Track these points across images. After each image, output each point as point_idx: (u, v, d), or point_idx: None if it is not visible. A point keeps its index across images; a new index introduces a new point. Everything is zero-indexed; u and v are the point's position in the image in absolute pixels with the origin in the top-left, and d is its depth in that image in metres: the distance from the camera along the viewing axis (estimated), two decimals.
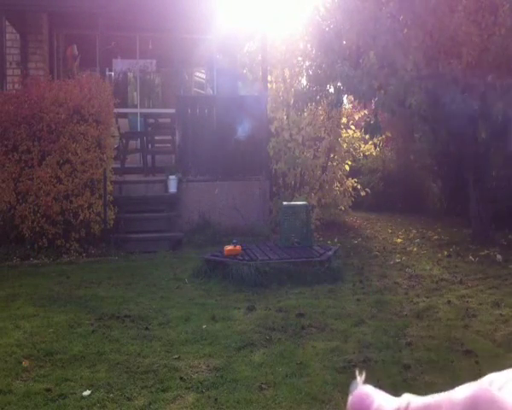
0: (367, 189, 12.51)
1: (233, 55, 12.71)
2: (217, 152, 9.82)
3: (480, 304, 5.62)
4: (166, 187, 9.53)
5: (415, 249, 8.62)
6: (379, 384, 0.31)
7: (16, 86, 8.83)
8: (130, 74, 13.62)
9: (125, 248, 8.29)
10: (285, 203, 7.90)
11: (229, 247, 6.89)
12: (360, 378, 0.34)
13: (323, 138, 11.00)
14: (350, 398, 0.32)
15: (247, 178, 9.96)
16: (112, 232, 8.35)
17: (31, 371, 3.95)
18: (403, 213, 12.75)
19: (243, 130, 9.64)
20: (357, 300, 5.78)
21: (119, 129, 10.67)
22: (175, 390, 3.64)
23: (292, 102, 10.62)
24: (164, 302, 5.70)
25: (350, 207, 11.75)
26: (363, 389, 0.32)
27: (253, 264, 6.43)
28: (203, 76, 14.53)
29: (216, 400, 3.50)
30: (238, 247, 6.90)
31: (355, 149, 12.14)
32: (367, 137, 10.14)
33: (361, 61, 8.26)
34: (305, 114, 10.70)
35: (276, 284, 6.31)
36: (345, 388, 3.52)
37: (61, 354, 4.27)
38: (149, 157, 10.55)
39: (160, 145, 10.90)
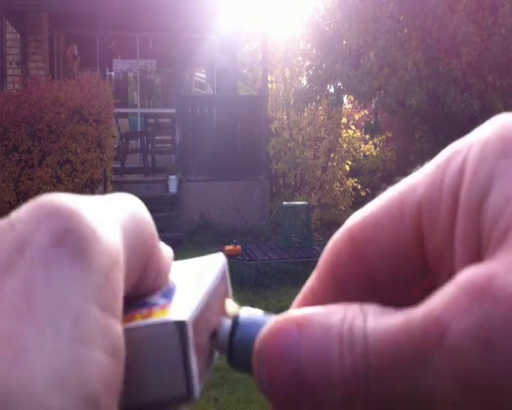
0: (367, 189, 12.51)
1: (233, 54, 12.71)
2: (217, 152, 9.82)
3: None
4: (167, 187, 9.53)
5: None
6: None
7: (16, 86, 8.83)
8: (130, 74, 13.62)
9: None
10: (285, 203, 7.90)
11: (229, 247, 6.89)
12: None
13: (323, 138, 10.99)
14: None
15: (247, 178, 9.96)
16: None
17: None
18: None
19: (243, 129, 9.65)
20: None
21: (119, 129, 10.68)
22: None
23: (292, 101, 10.63)
24: None
25: (350, 207, 11.75)
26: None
27: (253, 264, 6.43)
28: (203, 76, 14.53)
29: (216, 400, 3.50)
30: (238, 247, 6.91)
31: (355, 149, 12.13)
32: (367, 137, 10.14)
33: (361, 61, 8.26)
34: (306, 113, 10.71)
35: (276, 284, 6.31)
36: None
37: None
38: (149, 157, 10.55)
39: (160, 145, 10.90)
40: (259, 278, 6.31)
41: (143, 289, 0.23)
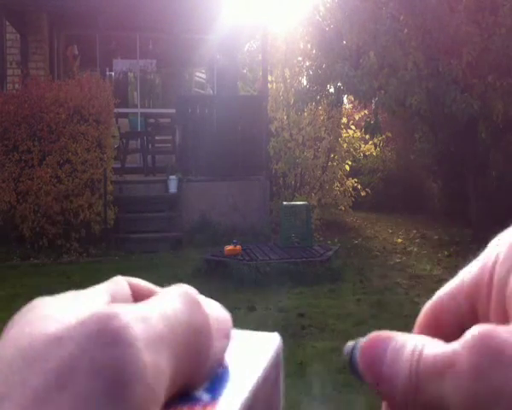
0: (367, 189, 12.51)
1: (233, 54, 12.71)
2: (217, 152, 9.81)
3: None
4: (167, 187, 9.53)
5: (415, 249, 8.62)
6: None
7: (16, 86, 8.83)
8: (130, 74, 13.61)
9: (125, 248, 8.29)
10: (285, 203, 7.91)
11: (229, 247, 6.89)
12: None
13: (323, 138, 11.00)
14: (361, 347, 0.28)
15: (247, 178, 9.95)
16: (112, 232, 8.35)
17: None
18: (403, 213, 12.74)
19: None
20: (358, 300, 5.78)
21: (119, 129, 10.68)
22: None
23: (292, 101, 10.62)
24: None
25: (350, 207, 11.76)
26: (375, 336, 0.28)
27: (253, 264, 6.43)
28: (203, 76, 14.53)
29: None
30: (238, 247, 6.90)
31: (355, 149, 12.15)
32: (367, 137, 10.14)
33: (361, 61, 8.26)
34: (306, 113, 10.70)
35: (276, 284, 6.31)
36: (345, 388, 3.53)
37: None
38: (149, 157, 10.56)
39: (160, 145, 10.91)
40: (259, 278, 6.31)
41: (193, 383, 0.22)
